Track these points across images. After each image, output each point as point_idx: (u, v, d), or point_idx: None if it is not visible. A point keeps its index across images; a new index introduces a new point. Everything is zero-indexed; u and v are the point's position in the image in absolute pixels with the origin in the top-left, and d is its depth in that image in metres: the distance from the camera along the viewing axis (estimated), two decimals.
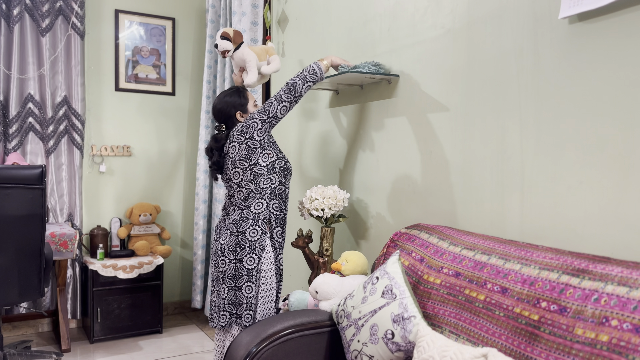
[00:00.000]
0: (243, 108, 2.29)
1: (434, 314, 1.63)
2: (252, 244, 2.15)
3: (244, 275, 2.14)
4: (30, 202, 2.52)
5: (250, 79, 2.39)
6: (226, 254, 2.16)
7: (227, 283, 2.17)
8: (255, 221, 2.16)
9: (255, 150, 2.15)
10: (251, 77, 2.39)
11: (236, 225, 2.17)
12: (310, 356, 1.83)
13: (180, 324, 3.88)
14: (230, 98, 2.29)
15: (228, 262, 2.16)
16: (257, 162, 2.16)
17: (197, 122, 4.10)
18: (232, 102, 2.28)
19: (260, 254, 2.15)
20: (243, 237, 2.15)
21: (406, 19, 2.23)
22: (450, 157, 2.01)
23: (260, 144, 2.15)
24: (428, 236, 1.84)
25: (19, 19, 3.42)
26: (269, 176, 2.19)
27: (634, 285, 1.17)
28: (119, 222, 3.75)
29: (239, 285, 2.15)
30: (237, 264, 2.15)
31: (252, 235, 2.15)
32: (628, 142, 1.40)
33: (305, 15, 3.03)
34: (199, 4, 4.11)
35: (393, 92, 2.31)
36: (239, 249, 2.14)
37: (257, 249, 2.15)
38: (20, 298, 2.64)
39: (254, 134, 2.14)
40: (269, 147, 2.20)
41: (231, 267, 2.16)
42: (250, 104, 2.31)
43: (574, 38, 1.54)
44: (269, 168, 2.18)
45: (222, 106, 2.28)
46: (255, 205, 2.17)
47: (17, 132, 3.45)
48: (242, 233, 2.15)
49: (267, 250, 2.17)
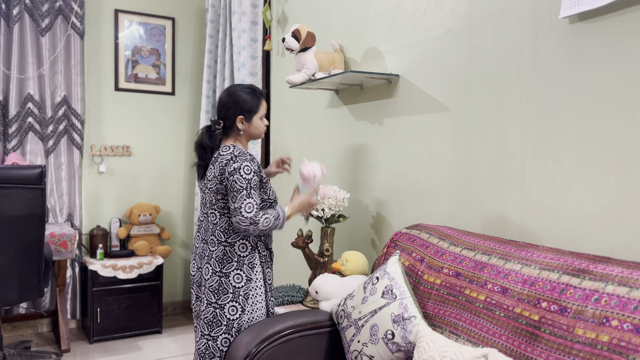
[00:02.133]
0: (249, 116, 1.97)
1: (434, 314, 1.63)
2: (235, 290, 1.89)
3: (223, 325, 1.89)
4: (30, 202, 2.52)
5: (295, 79, 2.36)
6: (206, 293, 1.90)
7: (202, 327, 1.91)
8: (240, 265, 1.90)
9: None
10: (298, 78, 2.38)
11: (219, 263, 1.90)
12: (310, 356, 1.83)
13: (180, 324, 3.88)
14: (246, 95, 1.97)
15: (207, 304, 1.90)
16: None
17: (197, 122, 4.10)
18: (244, 102, 1.96)
19: (244, 303, 1.91)
20: (227, 280, 1.89)
21: (406, 19, 2.23)
22: (450, 157, 2.01)
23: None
24: (428, 236, 1.84)
25: (18, 19, 3.42)
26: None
27: (635, 286, 1.17)
28: (118, 222, 3.75)
29: (213, 336, 1.89)
30: (217, 309, 1.89)
31: (237, 281, 1.90)
32: (628, 142, 1.40)
33: (305, 15, 3.03)
34: (198, 4, 4.11)
35: (393, 92, 2.31)
36: (222, 293, 1.89)
37: (242, 297, 1.90)
38: (19, 298, 2.64)
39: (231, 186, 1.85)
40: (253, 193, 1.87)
41: (209, 312, 1.89)
42: (258, 116, 2.00)
43: (574, 38, 1.54)
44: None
45: (230, 100, 1.96)
46: (239, 247, 1.91)
47: (16, 132, 3.45)
48: (225, 275, 1.89)
49: (251, 301, 1.93)
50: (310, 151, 2.98)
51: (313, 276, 2.32)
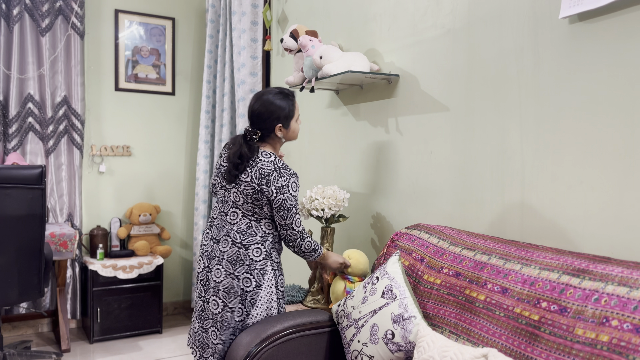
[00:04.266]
0: (287, 122, 1.95)
1: (434, 314, 1.63)
2: (243, 293, 1.89)
3: (230, 327, 1.90)
4: (30, 202, 2.52)
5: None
6: (220, 295, 1.89)
7: (219, 327, 1.90)
8: (251, 269, 1.89)
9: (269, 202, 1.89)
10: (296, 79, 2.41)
11: (232, 264, 1.89)
12: (310, 356, 1.83)
13: (180, 324, 3.88)
14: (280, 102, 1.93)
15: (222, 305, 1.89)
16: (265, 211, 1.91)
17: (197, 122, 4.10)
18: (281, 110, 1.92)
19: (250, 307, 1.89)
20: (238, 282, 1.88)
21: (406, 19, 2.23)
22: (450, 157, 2.01)
23: None
24: (428, 236, 1.84)
25: (18, 19, 3.42)
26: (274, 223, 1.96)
27: (634, 286, 1.17)
28: (118, 222, 3.75)
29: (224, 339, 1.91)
30: (229, 312, 1.89)
31: (256, 255, 1.90)
32: (628, 142, 1.40)
33: (305, 15, 3.03)
34: (198, 4, 4.11)
35: (393, 92, 2.31)
36: (232, 297, 1.88)
37: (247, 301, 1.89)
38: (20, 298, 2.64)
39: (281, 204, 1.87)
40: None
41: (226, 312, 1.89)
42: (294, 119, 1.98)
43: (574, 38, 1.54)
44: None
45: (267, 110, 1.91)
46: (253, 251, 1.90)
47: (16, 132, 3.45)
48: (237, 278, 1.88)
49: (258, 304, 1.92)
50: (310, 151, 2.98)
51: (313, 276, 2.32)
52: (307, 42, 2.28)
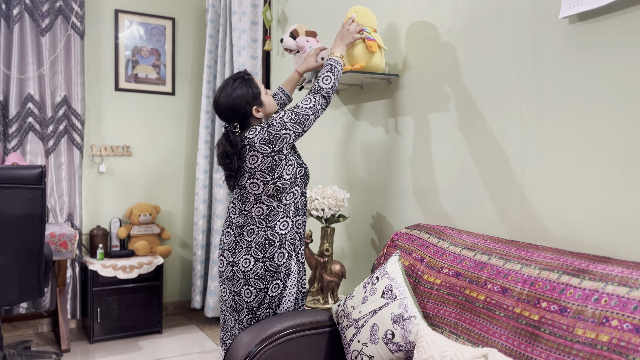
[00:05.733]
0: (258, 101, 1.92)
1: (434, 314, 1.63)
2: (278, 268, 1.92)
3: (266, 303, 1.94)
4: (30, 202, 2.52)
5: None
6: (252, 282, 1.91)
7: (250, 309, 1.94)
8: (282, 243, 1.92)
9: (280, 162, 1.86)
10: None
11: (261, 249, 1.91)
12: (310, 356, 1.83)
13: (180, 324, 3.88)
14: (240, 90, 1.90)
15: (255, 292, 1.91)
16: (281, 175, 1.87)
17: (197, 122, 4.10)
18: (245, 96, 1.89)
19: (286, 279, 1.95)
20: (272, 263, 1.91)
21: (406, 19, 2.23)
22: (450, 157, 2.01)
23: (285, 156, 1.87)
24: (428, 236, 1.84)
25: (18, 19, 3.42)
26: (292, 190, 1.93)
27: (634, 286, 1.17)
28: (118, 222, 3.75)
29: (258, 313, 1.95)
30: (264, 292, 1.92)
31: (280, 260, 1.92)
32: (628, 141, 1.40)
33: (305, 15, 3.03)
34: (198, 4, 4.11)
35: (393, 92, 2.31)
36: (269, 277, 1.91)
37: (283, 274, 1.94)
38: (19, 298, 2.64)
39: (283, 148, 1.84)
40: (291, 156, 1.92)
41: (259, 297, 1.92)
42: (263, 93, 1.95)
43: (574, 38, 1.54)
44: (292, 181, 1.92)
45: (233, 103, 1.89)
46: (280, 225, 1.92)
47: (16, 132, 3.45)
48: (269, 259, 1.91)
49: (292, 277, 1.97)
50: (310, 151, 2.98)
51: (313, 276, 2.32)
52: (304, 44, 2.29)
